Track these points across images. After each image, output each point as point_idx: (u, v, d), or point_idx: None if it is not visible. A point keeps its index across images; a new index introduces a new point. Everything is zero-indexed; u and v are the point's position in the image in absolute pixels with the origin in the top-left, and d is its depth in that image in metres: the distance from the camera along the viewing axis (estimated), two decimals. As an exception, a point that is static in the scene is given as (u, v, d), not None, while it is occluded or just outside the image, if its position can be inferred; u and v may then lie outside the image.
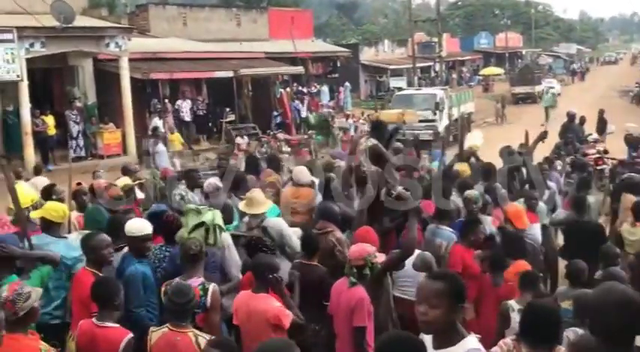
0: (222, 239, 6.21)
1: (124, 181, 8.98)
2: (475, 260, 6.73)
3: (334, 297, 5.50)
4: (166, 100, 25.21)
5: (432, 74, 51.13)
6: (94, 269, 5.42)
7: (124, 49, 22.52)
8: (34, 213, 6.22)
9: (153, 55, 25.52)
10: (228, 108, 27.48)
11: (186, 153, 23.07)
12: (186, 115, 25.68)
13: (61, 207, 6.37)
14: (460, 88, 44.56)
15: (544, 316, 3.86)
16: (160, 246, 6.19)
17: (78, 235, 6.20)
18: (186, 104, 25.80)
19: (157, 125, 22.30)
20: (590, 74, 70.51)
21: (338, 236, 6.73)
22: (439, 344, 3.29)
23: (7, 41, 19.19)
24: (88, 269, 5.44)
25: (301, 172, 8.45)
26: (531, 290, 5.71)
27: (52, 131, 21.60)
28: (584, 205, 8.44)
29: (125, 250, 5.95)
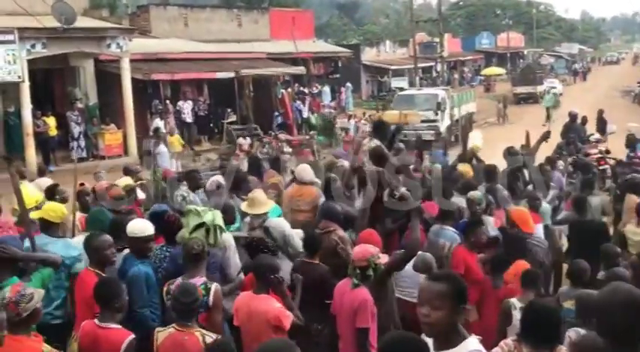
0: (224, 239, 6.20)
1: (125, 181, 8.96)
2: (479, 263, 6.73)
3: (337, 298, 5.50)
4: (167, 101, 25.22)
5: (434, 74, 51.11)
6: (96, 270, 5.43)
7: (125, 49, 22.51)
8: (32, 214, 6.21)
9: (154, 56, 25.55)
10: (229, 109, 27.46)
11: (187, 154, 23.08)
12: (188, 116, 25.68)
13: (59, 208, 6.36)
14: (462, 88, 44.56)
15: (545, 316, 3.84)
16: (161, 246, 6.19)
17: (82, 237, 6.19)
18: (188, 105, 25.80)
19: (158, 126, 22.29)
20: (592, 74, 70.47)
21: (341, 234, 6.75)
22: (440, 345, 3.27)
23: (8, 42, 19.18)
24: (91, 270, 5.45)
25: (304, 170, 8.47)
26: (533, 288, 5.70)
27: (53, 132, 21.61)
28: (584, 205, 8.41)
29: (126, 251, 5.94)
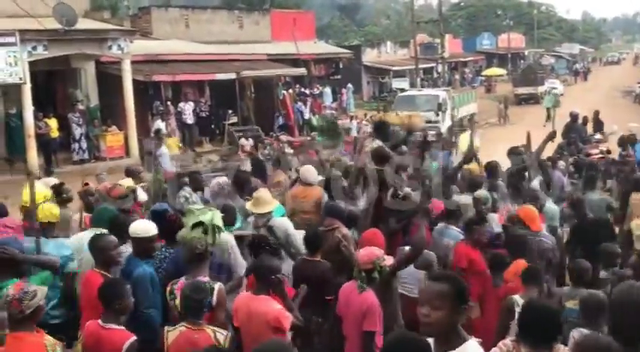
0: (225, 240, 6.21)
1: (127, 183, 8.96)
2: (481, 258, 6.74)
3: (342, 300, 5.52)
4: (169, 102, 25.24)
5: (435, 75, 51.13)
6: (102, 271, 5.43)
7: (126, 51, 22.53)
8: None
9: (155, 58, 25.60)
10: (230, 110, 27.49)
11: (184, 157, 23.05)
12: (189, 117, 25.67)
13: (50, 208, 6.35)
14: (463, 88, 44.64)
15: (543, 315, 3.85)
16: (161, 246, 6.20)
17: (79, 235, 6.20)
18: (189, 106, 25.79)
19: (159, 127, 22.31)
20: (593, 74, 70.39)
21: (344, 232, 6.81)
22: (440, 346, 3.28)
23: (9, 44, 19.17)
24: (96, 271, 5.45)
25: (308, 171, 8.52)
26: (535, 284, 5.70)
27: (54, 134, 21.58)
28: (582, 206, 8.40)
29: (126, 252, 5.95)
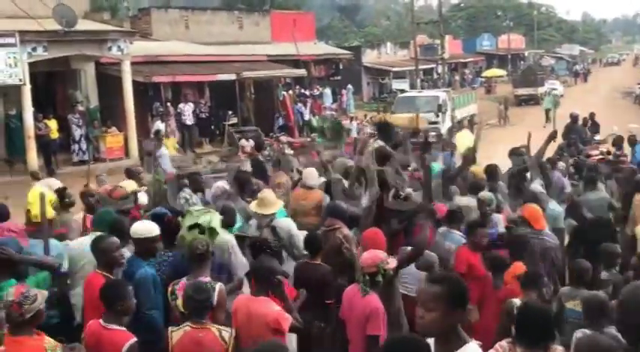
0: (225, 240, 6.22)
1: (130, 185, 8.94)
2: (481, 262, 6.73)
3: (346, 303, 5.52)
4: (168, 103, 25.24)
5: (435, 76, 51.18)
6: (104, 272, 5.44)
7: (126, 52, 22.53)
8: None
9: (155, 59, 25.60)
10: (230, 111, 27.48)
11: (184, 158, 23.05)
12: (189, 118, 25.65)
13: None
14: (463, 89, 44.62)
15: (538, 316, 3.85)
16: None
17: (90, 238, 6.19)
18: (189, 107, 25.77)
19: (159, 128, 22.31)
20: (593, 75, 70.45)
21: (345, 232, 6.81)
22: (440, 348, 3.29)
23: (9, 45, 19.20)
24: (99, 273, 5.46)
25: (310, 174, 8.53)
26: (534, 289, 5.70)
27: (54, 135, 21.56)
28: (579, 208, 8.39)
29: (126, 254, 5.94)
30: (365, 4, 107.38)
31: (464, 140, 11.40)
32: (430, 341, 3.36)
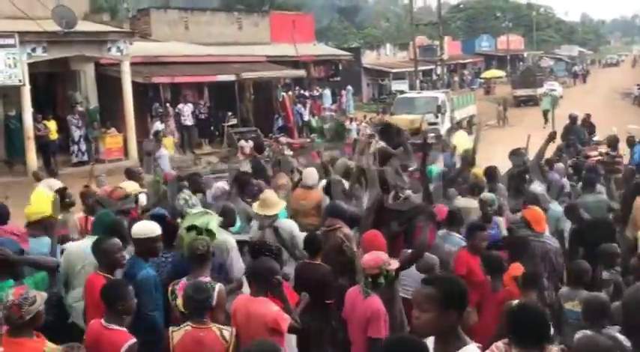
0: (224, 240, 6.22)
1: (132, 186, 8.92)
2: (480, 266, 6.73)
3: (348, 304, 5.52)
4: (168, 104, 25.25)
5: (434, 77, 51.21)
6: (105, 273, 5.44)
7: (125, 53, 22.53)
8: None
9: (154, 59, 25.62)
10: (230, 112, 27.48)
11: (183, 158, 23.07)
12: (188, 119, 25.65)
13: (31, 208, 6.53)
14: (462, 90, 44.69)
15: (533, 317, 3.86)
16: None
17: (89, 241, 6.20)
18: (188, 108, 25.77)
19: (158, 129, 22.31)
20: (592, 76, 70.46)
21: (346, 232, 6.82)
22: (439, 349, 3.31)
23: (8, 46, 19.21)
24: (100, 274, 5.45)
25: (309, 174, 8.53)
26: (534, 289, 5.70)
27: (54, 136, 21.59)
28: (576, 210, 8.39)
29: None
30: (364, 5, 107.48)
31: (460, 141, 11.36)
32: (430, 341, 3.38)
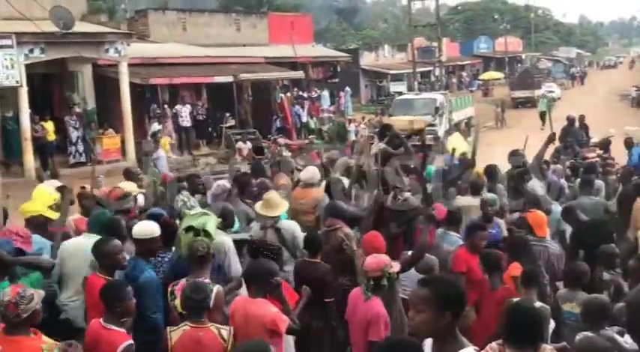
0: (222, 241, 6.21)
1: (128, 186, 8.91)
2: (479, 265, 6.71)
3: (350, 306, 5.53)
4: (166, 105, 25.23)
5: (432, 79, 51.22)
6: (105, 275, 5.43)
7: (123, 54, 22.50)
8: None
9: (152, 61, 25.60)
10: (228, 113, 27.50)
11: (181, 160, 23.05)
12: (186, 120, 25.61)
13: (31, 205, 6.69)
14: (460, 92, 44.67)
15: (528, 317, 3.86)
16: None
17: (84, 239, 6.17)
18: (186, 109, 25.74)
19: (156, 130, 22.28)
20: (590, 78, 70.63)
21: (346, 231, 6.84)
22: (436, 351, 3.33)
23: (6, 47, 19.17)
24: (100, 276, 5.44)
25: (306, 172, 8.52)
26: (534, 287, 5.69)
27: (51, 137, 21.56)
28: (573, 213, 8.38)
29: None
30: (363, 6, 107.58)
31: (456, 144, 11.33)
32: (428, 343, 3.37)
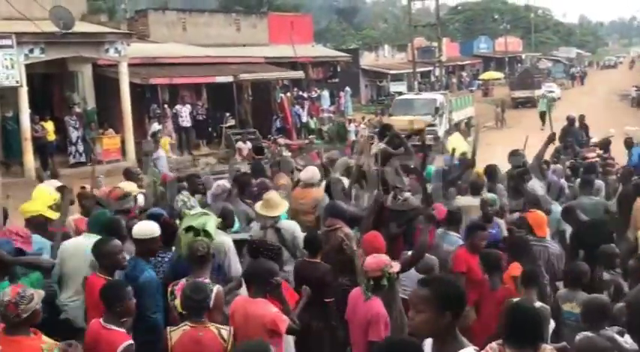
0: (222, 241, 6.21)
1: (128, 186, 8.91)
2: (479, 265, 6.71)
3: (350, 306, 5.53)
4: (166, 105, 25.22)
5: (432, 79, 51.22)
6: (105, 275, 5.43)
7: (123, 54, 22.50)
8: None
9: (152, 60, 25.60)
10: (228, 113, 27.50)
11: (181, 160, 23.03)
12: (186, 120, 25.61)
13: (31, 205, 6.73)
14: (460, 92, 44.66)
15: (528, 317, 3.86)
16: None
17: (84, 239, 6.17)
18: (186, 109, 25.74)
19: (156, 130, 22.27)
20: (590, 78, 70.63)
21: (346, 231, 6.84)
22: (436, 350, 3.34)
23: (6, 47, 19.16)
24: (100, 276, 5.44)
25: (306, 172, 8.52)
26: (534, 286, 5.69)
27: (51, 137, 21.56)
28: (573, 214, 8.38)
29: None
30: (363, 6, 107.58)
31: (456, 144, 11.33)
32: (428, 343, 3.38)
